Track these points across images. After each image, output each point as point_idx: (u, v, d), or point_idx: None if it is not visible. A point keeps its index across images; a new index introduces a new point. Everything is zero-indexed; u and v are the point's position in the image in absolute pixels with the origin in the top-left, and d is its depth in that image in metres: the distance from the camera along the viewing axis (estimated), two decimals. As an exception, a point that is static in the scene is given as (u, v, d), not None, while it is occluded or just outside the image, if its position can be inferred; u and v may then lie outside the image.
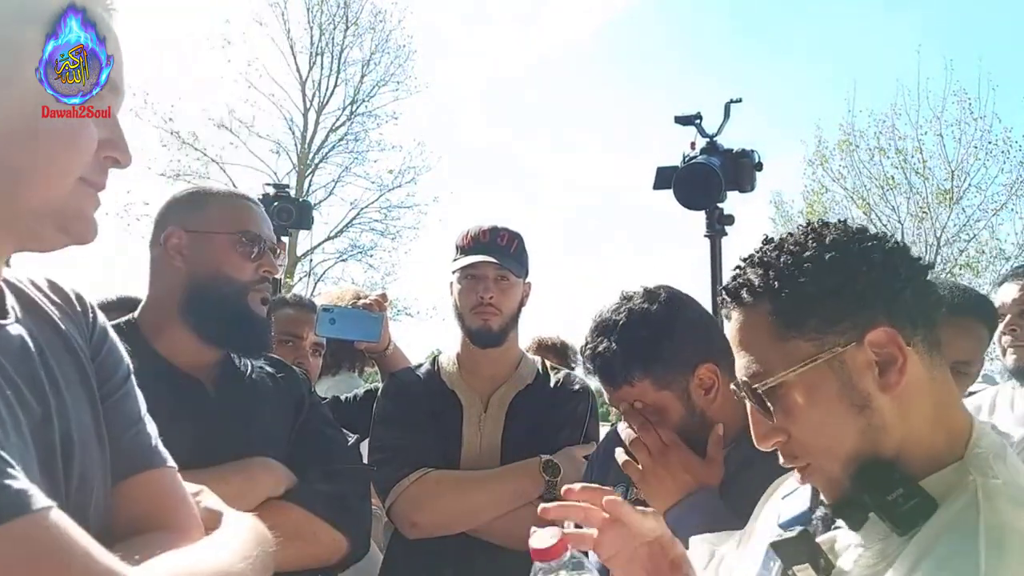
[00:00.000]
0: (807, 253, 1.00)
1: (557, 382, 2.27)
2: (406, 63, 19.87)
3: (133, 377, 1.02)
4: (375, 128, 19.86)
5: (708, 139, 3.29)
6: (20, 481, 0.68)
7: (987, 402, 2.42)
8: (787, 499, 1.15)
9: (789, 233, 1.07)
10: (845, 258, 0.99)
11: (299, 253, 17.97)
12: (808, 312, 0.97)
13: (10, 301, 0.88)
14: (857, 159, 16.22)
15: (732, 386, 1.07)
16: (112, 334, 1.02)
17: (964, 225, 15.43)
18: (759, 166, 3.30)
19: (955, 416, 1.00)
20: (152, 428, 1.01)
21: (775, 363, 0.99)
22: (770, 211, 17.31)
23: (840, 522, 1.02)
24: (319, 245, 19.04)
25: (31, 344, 0.86)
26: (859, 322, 0.96)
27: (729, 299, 1.05)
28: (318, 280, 18.86)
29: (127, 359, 1.03)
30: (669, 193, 3.21)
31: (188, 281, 1.62)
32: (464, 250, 2.21)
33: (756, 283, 1.02)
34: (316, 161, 19.52)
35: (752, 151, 3.29)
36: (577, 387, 2.27)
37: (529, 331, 4.08)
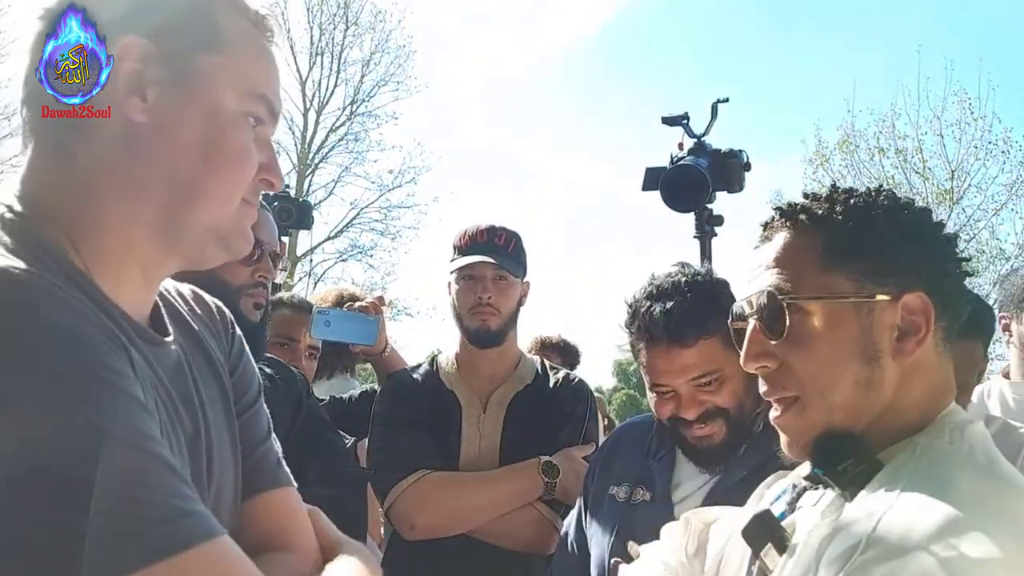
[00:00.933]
0: (879, 201, 1.02)
1: (556, 382, 2.26)
2: (406, 63, 19.91)
3: (263, 395, 1.05)
4: (375, 128, 19.91)
5: (696, 139, 3.28)
6: (199, 504, 0.70)
7: (975, 396, 2.42)
8: (775, 504, 1.13)
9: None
10: (915, 221, 1.02)
11: (299, 253, 17.97)
12: (860, 253, 0.98)
13: (165, 316, 0.91)
14: (857, 159, 16.23)
15: (736, 307, 1.07)
16: (247, 350, 1.06)
17: (964, 225, 15.40)
18: (747, 166, 3.29)
19: (938, 403, 1.00)
20: (277, 446, 1.03)
21: (809, 287, 0.99)
22: (769, 211, 17.27)
23: (801, 502, 1.03)
24: (319, 245, 19.07)
25: (184, 361, 0.89)
26: (901, 282, 0.97)
27: (782, 218, 1.05)
28: (318, 280, 18.88)
29: (259, 376, 1.06)
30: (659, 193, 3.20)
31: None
32: (462, 250, 2.20)
33: (818, 211, 1.03)
34: (316, 161, 19.53)
35: (740, 151, 3.28)
36: (576, 387, 2.27)
37: (529, 331, 4.08)
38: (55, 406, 0.64)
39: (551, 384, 2.26)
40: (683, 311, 1.53)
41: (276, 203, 3.79)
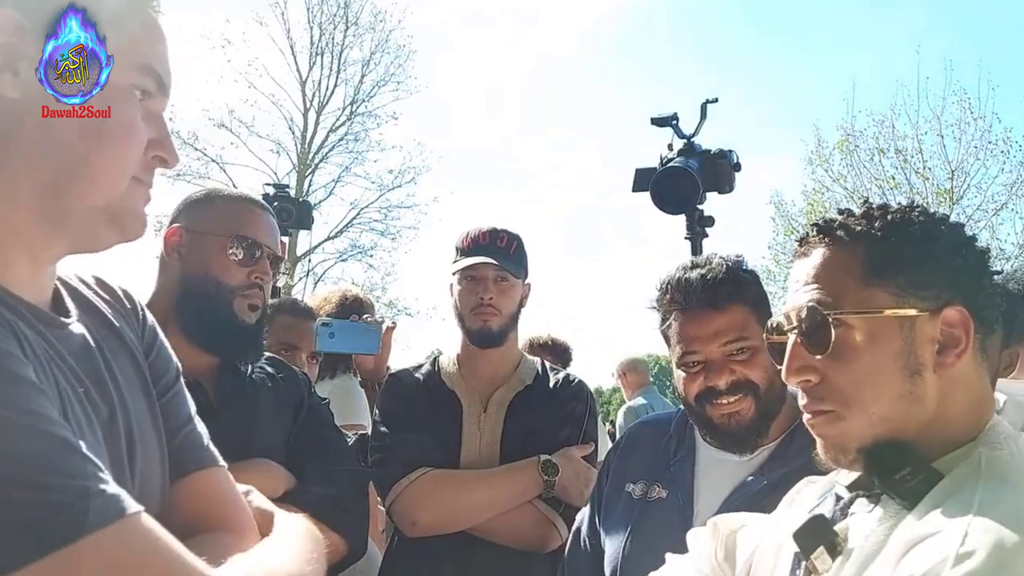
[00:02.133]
0: (915, 217, 1.04)
1: (556, 383, 2.27)
2: (406, 63, 19.89)
3: (182, 376, 1.03)
4: (375, 128, 19.88)
5: (685, 140, 3.28)
6: (112, 485, 0.68)
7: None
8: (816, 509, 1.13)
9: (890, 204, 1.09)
10: (951, 236, 1.04)
11: (299, 253, 17.97)
12: (900, 268, 1.00)
13: (67, 299, 0.88)
14: (857, 159, 16.21)
15: (772, 321, 1.08)
16: (160, 332, 1.03)
17: (964, 225, 15.37)
18: (737, 166, 3.28)
19: (981, 414, 1.01)
20: (202, 427, 1.01)
21: (850, 302, 1.00)
22: (770, 211, 17.30)
23: (855, 508, 1.03)
24: (319, 245, 19.05)
25: (92, 343, 0.86)
26: (942, 295, 0.99)
27: (820, 235, 1.06)
28: (318, 280, 18.87)
29: (175, 358, 1.03)
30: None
31: (180, 280, 1.62)
32: (464, 252, 2.22)
33: (857, 227, 1.03)
34: (316, 161, 19.52)
35: (730, 151, 3.28)
36: (576, 388, 2.27)
37: (529, 331, 4.08)
38: None
39: (551, 384, 2.27)
40: (716, 275, 1.59)
41: (276, 203, 3.79)
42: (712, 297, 1.58)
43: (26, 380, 0.68)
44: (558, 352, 4.12)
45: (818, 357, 1.00)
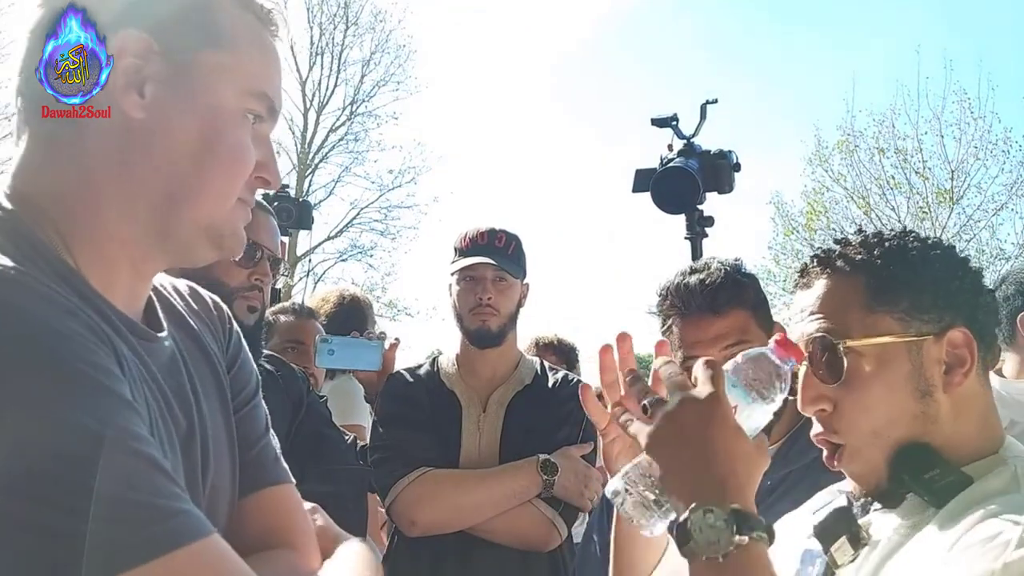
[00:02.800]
0: (911, 243, 1.06)
1: (555, 382, 2.28)
2: (406, 63, 19.91)
3: (261, 390, 1.04)
4: (375, 128, 19.90)
5: (685, 141, 3.29)
6: (191, 506, 0.69)
7: None
8: (818, 513, 1.13)
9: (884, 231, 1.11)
10: (946, 259, 1.06)
11: (299, 253, 17.98)
12: (903, 293, 1.02)
13: (159, 312, 0.89)
14: (857, 159, 16.22)
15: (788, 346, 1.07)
16: (245, 346, 1.04)
17: (964, 225, 15.42)
18: (737, 167, 3.29)
19: (994, 428, 1.04)
20: (276, 442, 1.02)
21: (858, 329, 1.01)
22: (770, 211, 17.30)
23: (877, 504, 1.04)
24: (319, 245, 19.07)
25: (179, 356, 0.88)
26: (944, 318, 1.01)
27: (819, 266, 1.07)
28: (318, 280, 18.89)
29: (256, 372, 1.04)
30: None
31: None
32: (462, 252, 2.22)
33: (856, 257, 1.05)
34: (316, 161, 19.53)
35: (730, 152, 3.29)
36: (575, 388, 2.27)
37: (529, 332, 4.08)
38: (41, 408, 0.63)
39: (550, 384, 2.27)
40: (716, 280, 1.60)
41: (276, 203, 3.79)
42: (711, 302, 1.59)
43: (123, 398, 0.69)
44: (563, 352, 4.12)
45: (832, 386, 1.02)
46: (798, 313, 1.08)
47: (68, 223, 0.79)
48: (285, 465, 1.01)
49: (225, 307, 1.04)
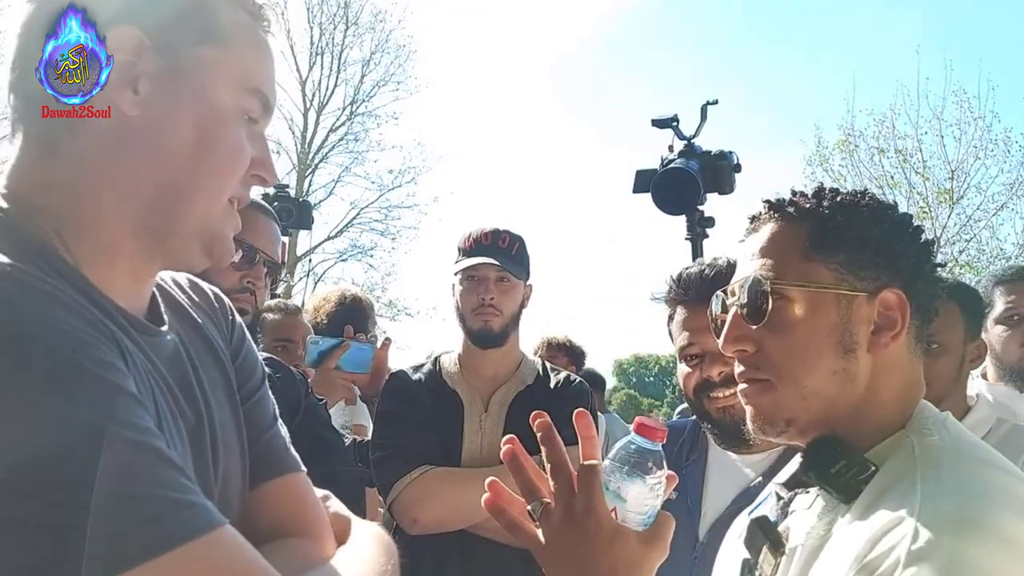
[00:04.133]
0: (864, 201, 1.06)
1: (557, 383, 2.28)
2: (406, 63, 19.91)
3: (267, 381, 1.03)
4: (375, 128, 19.90)
5: (686, 141, 3.29)
6: (201, 497, 0.69)
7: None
8: (751, 515, 1.14)
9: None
10: (894, 221, 1.05)
11: (299, 253, 17.97)
12: (842, 246, 1.01)
13: (162, 306, 0.89)
14: (857, 159, 16.22)
15: (719, 293, 1.10)
16: (249, 337, 1.04)
17: (964, 225, 15.41)
18: (737, 167, 3.30)
19: (910, 400, 1.03)
20: (284, 431, 1.02)
21: (791, 275, 1.02)
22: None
23: (794, 506, 1.04)
24: (319, 245, 19.07)
25: (183, 349, 0.87)
26: (881, 278, 1.01)
27: (770, 210, 1.08)
28: (318, 280, 18.88)
29: (262, 362, 1.04)
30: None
31: None
32: (465, 252, 2.23)
33: (805, 204, 1.06)
34: (316, 161, 19.53)
35: (730, 152, 3.29)
36: (577, 388, 2.28)
37: (529, 332, 4.08)
38: (45, 405, 0.63)
39: (552, 385, 2.27)
40: (716, 271, 1.64)
41: (276, 203, 3.79)
42: (710, 290, 1.60)
43: (127, 392, 0.69)
44: (574, 355, 4.12)
45: (754, 327, 1.02)
46: (742, 258, 1.09)
47: (65, 221, 0.78)
48: (295, 454, 1.01)
49: (226, 298, 1.03)
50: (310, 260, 18.99)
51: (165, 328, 0.87)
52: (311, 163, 19.40)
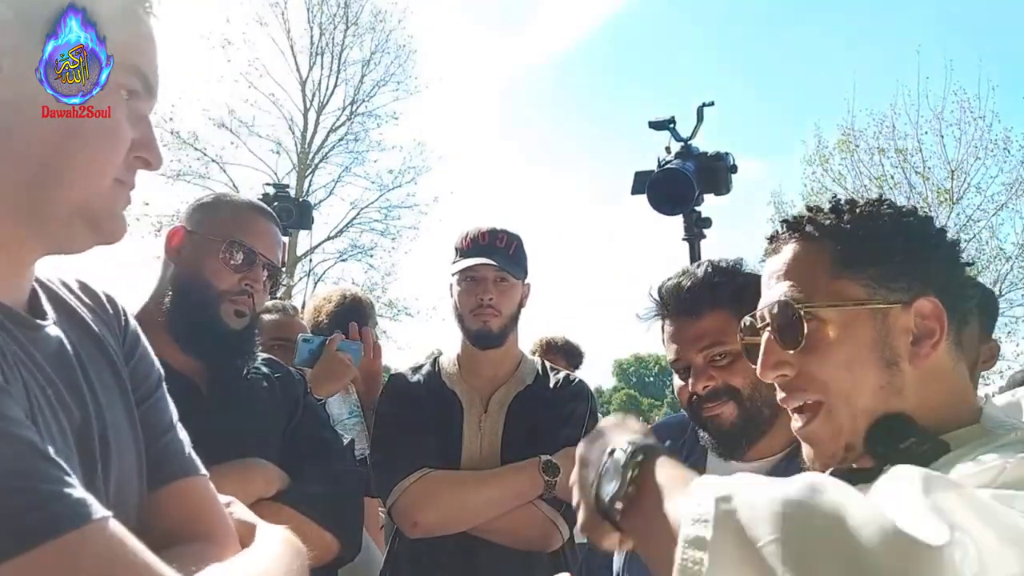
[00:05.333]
0: (883, 210, 1.04)
1: (557, 383, 2.27)
2: (406, 63, 19.90)
3: (164, 383, 1.01)
4: (375, 128, 19.89)
5: (682, 143, 3.30)
6: (78, 490, 0.67)
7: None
8: None
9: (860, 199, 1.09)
10: (920, 227, 1.03)
11: (299, 253, 17.96)
12: (870, 261, 1.00)
13: (44, 302, 0.87)
14: (857, 159, 16.21)
15: (746, 320, 1.08)
16: (143, 338, 1.01)
17: (964, 225, 15.39)
18: (733, 168, 3.30)
19: (967, 403, 1.01)
20: (184, 436, 0.99)
21: (822, 295, 1.00)
22: (770, 211, 17.29)
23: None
24: (319, 245, 19.04)
25: (68, 347, 0.85)
26: (913, 287, 0.99)
27: (789, 231, 1.06)
28: (318, 280, 18.86)
29: (158, 364, 1.02)
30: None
31: (173, 280, 1.62)
32: (463, 252, 2.22)
33: (825, 222, 1.04)
34: (316, 161, 19.51)
35: (727, 154, 3.30)
36: (577, 388, 2.27)
37: (530, 332, 4.08)
38: None
39: (551, 384, 2.27)
40: (692, 284, 1.62)
41: (276, 203, 3.78)
42: (688, 304, 1.62)
43: None
44: (572, 354, 4.12)
45: (791, 352, 1.00)
46: (766, 281, 1.07)
47: None
48: (196, 459, 0.98)
49: (119, 300, 1.00)
50: (310, 260, 18.99)
51: (47, 323, 0.84)
52: (311, 163, 19.38)
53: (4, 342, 0.75)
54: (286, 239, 4.85)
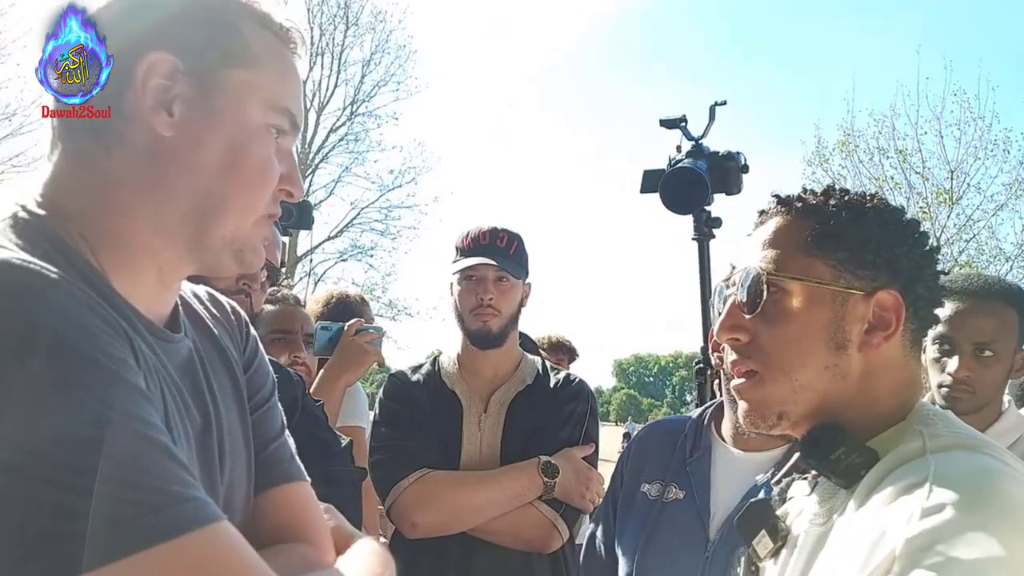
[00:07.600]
0: (871, 203, 1.07)
1: (557, 382, 2.27)
2: (406, 63, 19.93)
3: (277, 392, 1.07)
4: (375, 128, 19.93)
5: (694, 142, 3.29)
6: (201, 493, 0.71)
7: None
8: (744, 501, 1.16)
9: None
10: (899, 224, 1.06)
11: (299, 253, 17.98)
12: (844, 245, 1.02)
13: (182, 315, 0.93)
14: (857, 159, 16.22)
15: (720, 283, 1.11)
16: (262, 349, 1.08)
17: (964, 225, 15.41)
18: (745, 168, 3.29)
19: (909, 397, 1.04)
20: (291, 442, 1.06)
21: (791, 268, 1.03)
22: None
23: (792, 492, 1.05)
24: (319, 245, 19.08)
25: (195, 356, 0.91)
26: (880, 279, 1.02)
27: (779, 204, 1.10)
28: (318, 280, 18.89)
29: (273, 375, 1.08)
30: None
31: None
32: (464, 252, 2.22)
33: (812, 201, 1.07)
34: (316, 161, 19.53)
35: (738, 153, 3.28)
36: (577, 388, 2.27)
37: (528, 331, 4.08)
38: (55, 392, 0.65)
39: (552, 384, 2.27)
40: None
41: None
42: None
43: (136, 387, 0.72)
44: (566, 352, 4.13)
45: (749, 317, 1.04)
46: (748, 249, 1.10)
47: (94, 230, 0.81)
48: (300, 464, 1.04)
49: (243, 312, 1.07)
50: (310, 260, 19.02)
51: (180, 335, 0.90)
52: (311, 163, 19.39)
53: (147, 353, 0.80)
54: (286, 239, 4.85)
